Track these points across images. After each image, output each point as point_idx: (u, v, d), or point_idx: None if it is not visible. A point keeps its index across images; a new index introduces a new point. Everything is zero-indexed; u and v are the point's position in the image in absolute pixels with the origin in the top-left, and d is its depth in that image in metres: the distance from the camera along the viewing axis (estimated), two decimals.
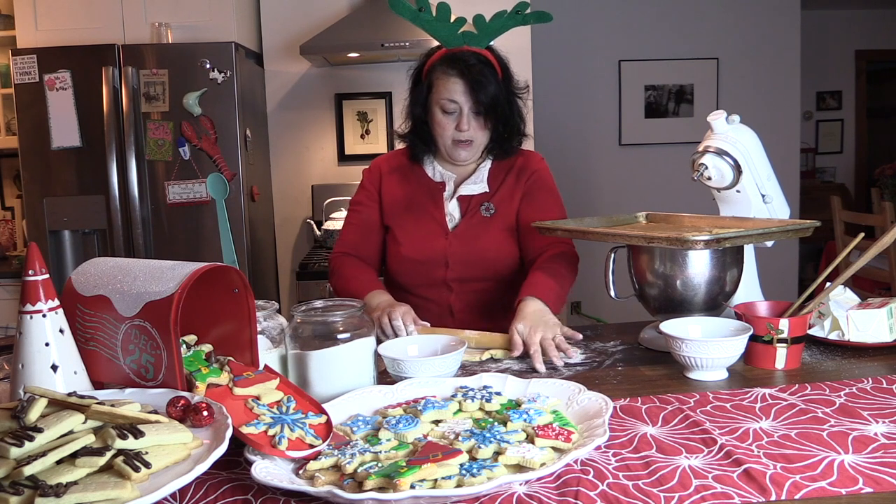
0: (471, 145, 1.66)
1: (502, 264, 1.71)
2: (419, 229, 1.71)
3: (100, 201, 2.95)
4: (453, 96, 1.61)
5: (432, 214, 1.71)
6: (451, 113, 1.63)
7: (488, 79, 1.60)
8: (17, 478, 0.73)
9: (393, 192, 1.75)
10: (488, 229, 1.70)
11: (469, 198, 1.72)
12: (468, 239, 1.69)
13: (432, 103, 1.65)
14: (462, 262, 1.68)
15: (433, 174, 1.74)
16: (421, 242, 1.70)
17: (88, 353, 1.05)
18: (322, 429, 0.94)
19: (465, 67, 1.59)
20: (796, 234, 1.38)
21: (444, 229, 1.70)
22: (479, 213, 1.71)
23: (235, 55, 2.95)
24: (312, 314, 1.14)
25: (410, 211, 1.72)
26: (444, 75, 1.62)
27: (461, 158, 1.69)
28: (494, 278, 1.71)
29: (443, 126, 1.64)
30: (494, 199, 1.71)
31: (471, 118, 1.63)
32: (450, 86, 1.61)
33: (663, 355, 1.35)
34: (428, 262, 1.69)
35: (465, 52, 1.62)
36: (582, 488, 0.83)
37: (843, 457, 0.88)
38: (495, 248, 1.70)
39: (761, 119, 4.02)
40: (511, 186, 1.73)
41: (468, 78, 1.59)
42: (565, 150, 4.66)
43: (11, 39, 3.25)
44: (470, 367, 1.36)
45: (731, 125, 1.47)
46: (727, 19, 4.67)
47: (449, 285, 1.69)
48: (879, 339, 1.35)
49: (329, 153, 3.59)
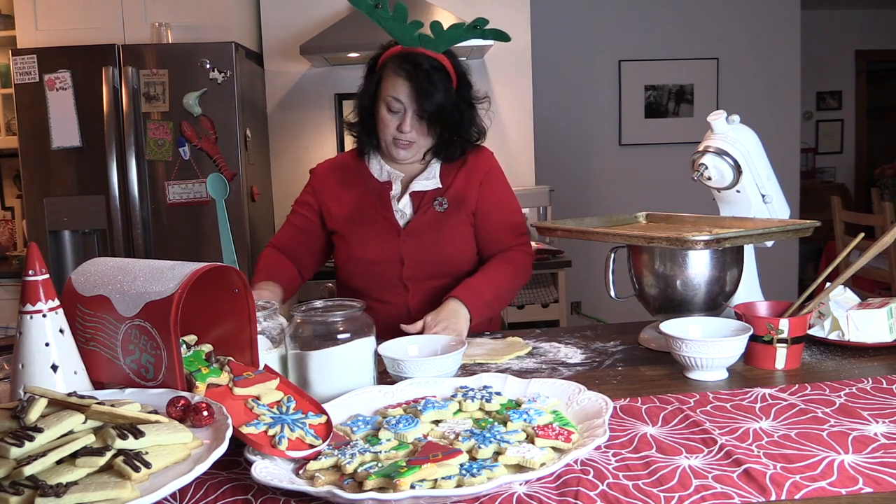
0: (410, 146, 1.65)
1: (459, 259, 1.70)
2: (369, 230, 1.68)
3: (100, 201, 2.95)
4: (399, 96, 1.59)
5: (381, 213, 1.68)
6: (395, 112, 1.61)
7: (436, 86, 1.58)
8: (17, 478, 0.73)
9: (337, 195, 1.72)
10: (443, 225, 1.67)
11: (422, 194, 1.69)
12: (422, 235, 1.66)
13: (379, 98, 1.63)
14: (418, 259, 1.66)
15: (379, 173, 1.71)
16: (373, 242, 1.67)
17: (88, 353, 1.05)
18: (322, 429, 0.94)
19: (415, 70, 1.57)
20: (796, 234, 1.38)
21: (395, 227, 1.67)
22: (433, 208, 1.68)
23: (235, 55, 2.95)
24: (312, 314, 1.14)
25: (359, 212, 1.69)
26: (394, 73, 1.60)
27: (400, 157, 1.67)
28: (451, 275, 1.68)
29: (385, 123, 1.63)
30: (447, 194, 1.69)
31: (414, 121, 1.61)
32: (398, 85, 1.59)
33: (663, 355, 1.35)
34: (382, 261, 1.66)
35: (420, 53, 1.60)
36: (582, 488, 0.83)
37: (843, 457, 0.88)
38: (451, 243, 1.68)
39: (761, 119, 4.03)
40: (464, 182, 1.70)
41: (416, 82, 1.57)
42: (565, 150, 4.66)
43: (11, 39, 3.25)
44: (470, 367, 1.36)
45: (731, 125, 1.47)
46: (727, 19, 4.67)
47: (405, 284, 1.67)
48: (879, 339, 1.35)
49: (329, 153, 3.59)
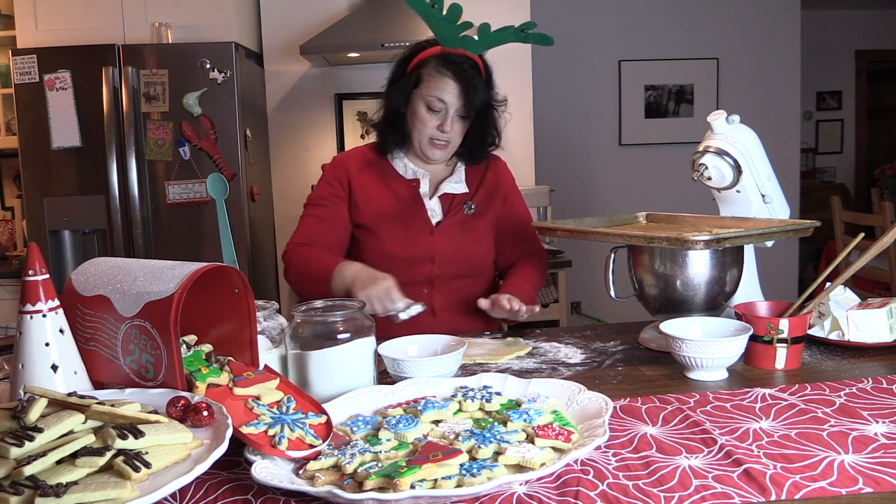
0: (446, 147, 1.68)
1: (483, 261, 1.76)
2: (403, 226, 1.69)
3: (100, 201, 2.95)
4: (443, 96, 1.61)
5: (414, 211, 1.70)
6: (436, 112, 1.63)
7: (480, 87, 1.62)
8: (17, 478, 0.73)
9: (365, 189, 1.72)
10: (472, 227, 1.72)
11: (451, 196, 1.73)
12: (453, 235, 1.70)
13: (417, 98, 1.65)
14: (448, 258, 1.69)
15: (404, 171, 1.73)
16: (406, 239, 1.68)
17: (88, 353, 1.05)
18: (322, 429, 0.94)
19: (461, 71, 1.60)
20: (796, 234, 1.38)
21: (428, 225, 1.70)
22: (462, 211, 1.72)
23: (235, 55, 2.95)
24: (312, 314, 1.14)
25: (391, 208, 1.70)
26: (438, 74, 1.62)
27: (435, 157, 1.69)
28: (476, 275, 1.74)
29: (424, 122, 1.64)
30: (475, 199, 1.75)
31: (455, 120, 1.64)
32: (442, 85, 1.61)
33: (663, 355, 1.35)
34: (414, 258, 1.68)
35: (461, 55, 1.62)
36: (582, 488, 0.83)
37: (843, 457, 0.88)
38: (479, 244, 1.74)
39: (761, 119, 4.03)
40: (488, 190, 1.77)
41: (463, 81, 1.60)
42: (565, 150, 4.66)
43: (11, 39, 3.25)
44: (470, 367, 1.36)
45: (731, 125, 1.47)
46: (727, 19, 4.67)
47: (432, 282, 1.69)
48: (879, 339, 1.35)
49: (329, 153, 3.59)
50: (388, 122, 1.71)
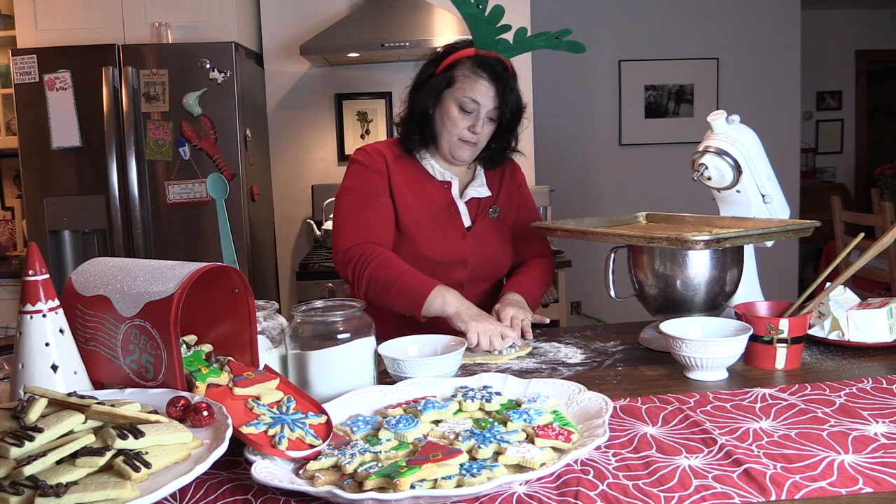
0: (475, 146, 1.67)
1: (507, 265, 1.78)
2: (438, 228, 1.67)
3: (100, 201, 2.95)
4: (477, 97, 1.61)
5: (449, 214, 1.70)
6: (469, 112, 1.63)
7: (514, 88, 1.63)
8: (17, 478, 0.73)
9: (402, 183, 1.68)
10: (497, 230, 1.74)
11: (477, 201, 1.74)
12: (484, 240, 1.71)
13: (449, 98, 1.64)
14: (479, 262, 1.70)
15: (432, 171, 1.72)
16: (442, 242, 1.67)
17: (88, 353, 1.05)
18: (322, 429, 0.94)
19: (496, 73, 1.61)
20: (796, 234, 1.38)
21: (461, 230, 1.70)
22: (488, 215, 1.74)
23: (235, 55, 2.95)
24: (312, 314, 1.14)
25: (428, 211, 1.68)
26: (474, 75, 1.62)
27: (463, 157, 1.68)
28: (497, 278, 1.77)
29: (455, 123, 1.63)
30: (498, 202, 1.76)
31: (486, 122, 1.64)
32: (476, 86, 1.61)
33: (663, 355, 1.35)
34: (448, 262, 1.67)
35: (493, 58, 1.63)
36: (582, 488, 0.83)
37: (843, 457, 0.88)
38: (505, 247, 1.75)
39: (761, 119, 4.03)
40: (507, 193, 1.79)
41: (499, 83, 1.61)
42: (565, 150, 4.66)
43: (11, 39, 3.25)
44: (470, 367, 1.36)
45: (731, 125, 1.47)
46: (727, 19, 4.67)
47: (462, 286, 1.67)
48: (879, 339, 1.35)
49: (329, 153, 3.60)
50: (415, 121, 1.69)
